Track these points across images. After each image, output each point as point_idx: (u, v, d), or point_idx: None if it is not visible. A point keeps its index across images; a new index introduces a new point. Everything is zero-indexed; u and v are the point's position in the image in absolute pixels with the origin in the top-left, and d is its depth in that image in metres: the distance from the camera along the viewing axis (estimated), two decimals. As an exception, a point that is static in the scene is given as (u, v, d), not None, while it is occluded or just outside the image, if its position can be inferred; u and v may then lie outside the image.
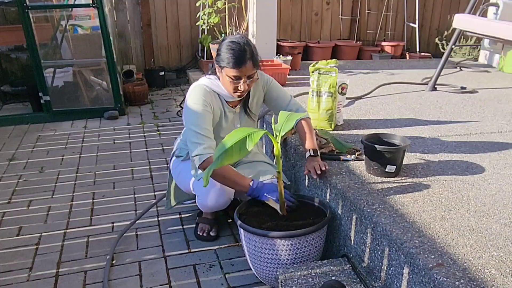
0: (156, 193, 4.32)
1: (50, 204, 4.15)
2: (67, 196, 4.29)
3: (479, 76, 6.23)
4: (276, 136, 2.79)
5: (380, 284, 2.50)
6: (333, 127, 3.92)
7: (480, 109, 4.58)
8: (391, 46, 9.10)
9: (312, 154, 3.26)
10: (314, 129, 3.50)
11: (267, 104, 3.67)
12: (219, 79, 3.33)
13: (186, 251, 3.47)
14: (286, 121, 2.78)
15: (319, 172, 3.12)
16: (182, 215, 3.95)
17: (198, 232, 3.64)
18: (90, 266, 3.29)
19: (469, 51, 7.70)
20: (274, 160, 3.65)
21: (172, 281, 3.11)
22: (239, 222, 2.85)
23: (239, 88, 3.20)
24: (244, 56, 3.12)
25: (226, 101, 3.43)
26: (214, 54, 6.60)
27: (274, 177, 3.32)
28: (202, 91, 3.29)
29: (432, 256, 2.15)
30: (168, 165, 3.79)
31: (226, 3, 6.60)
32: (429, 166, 3.20)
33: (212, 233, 3.64)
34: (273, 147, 3.25)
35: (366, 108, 4.60)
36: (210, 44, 6.96)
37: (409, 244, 2.25)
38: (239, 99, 3.42)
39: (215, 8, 6.54)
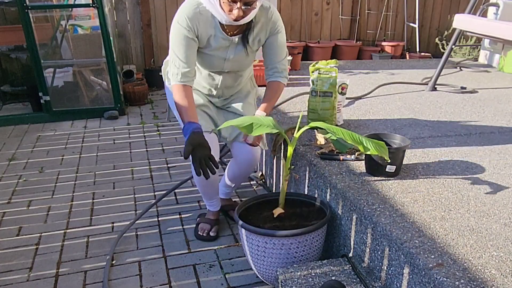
0: (156, 193, 4.32)
1: (50, 204, 4.16)
2: (67, 196, 4.30)
3: (479, 76, 6.23)
4: (291, 139, 2.83)
5: (380, 284, 2.50)
6: (333, 127, 3.91)
7: (480, 109, 4.58)
8: (391, 46, 9.12)
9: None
10: (315, 128, 3.48)
11: (262, 47, 3.44)
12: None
13: (186, 251, 3.47)
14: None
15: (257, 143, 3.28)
16: (182, 215, 3.95)
17: (199, 232, 3.63)
18: (90, 266, 3.30)
19: (469, 51, 7.71)
20: (282, 157, 3.65)
21: (172, 281, 3.11)
22: (240, 222, 2.84)
23: (233, 12, 2.94)
24: None
25: (221, 26, 3.17)
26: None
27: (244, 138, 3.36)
28: (190, 11, 3.07)
29: (432, 256, 2.15)
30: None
31: (226, 3, 6.60)
32: (429, 166, 3.20)
33: (212, 233, 3.63)
34: (277, 144, 3.26)
35: (366, 108, 4.60)
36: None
37: (409, 244, 2.26)
38: (237, 25, 3.15)
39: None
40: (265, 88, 3.45)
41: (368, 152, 2.61)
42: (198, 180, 3.47)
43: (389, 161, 2.77)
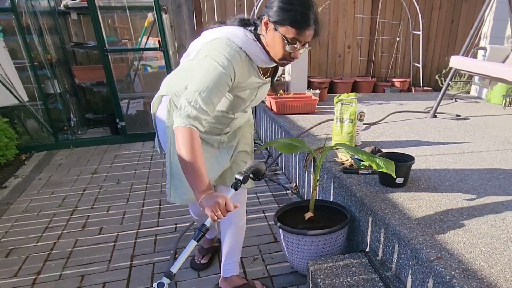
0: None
1: (125, 209, 4.24)
2: (139, 202, 4.38)
3: (470, 106, 6.19)
4: (319, 156, 2.88)
5: (391, 273, 2.52)
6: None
7: (472, 133, 4.57)
8: (400, 81, 9.06)
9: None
10: (337, 148, 3.44)
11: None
12: (258, 40, 2.25)
13: (234, 246, 3.50)
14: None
15: (224, 215, 2.05)
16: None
17: (195, 259, 3.31)
18: (157, 259, 3.36)
19: (463, 86, 7.66)
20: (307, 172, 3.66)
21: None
22: (278, 223, 2.88)
23: (291, 55, 2.21)
24: (309, 16, 2.10)
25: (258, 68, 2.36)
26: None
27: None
28: (235, 56, 2.16)
29: (433, 251, 2.18)
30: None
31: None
32: (430, 178, 3.21)
33: (203, 261, 3.29)
34: (308, 161, 3.29)
35: (380, 132, 4.61)
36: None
37: (414, 241, 2.29)
38: (272, 67, 2.46)
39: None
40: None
41: (380, 170, 2.64)
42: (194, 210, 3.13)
43: (395, 176, 2.79)
